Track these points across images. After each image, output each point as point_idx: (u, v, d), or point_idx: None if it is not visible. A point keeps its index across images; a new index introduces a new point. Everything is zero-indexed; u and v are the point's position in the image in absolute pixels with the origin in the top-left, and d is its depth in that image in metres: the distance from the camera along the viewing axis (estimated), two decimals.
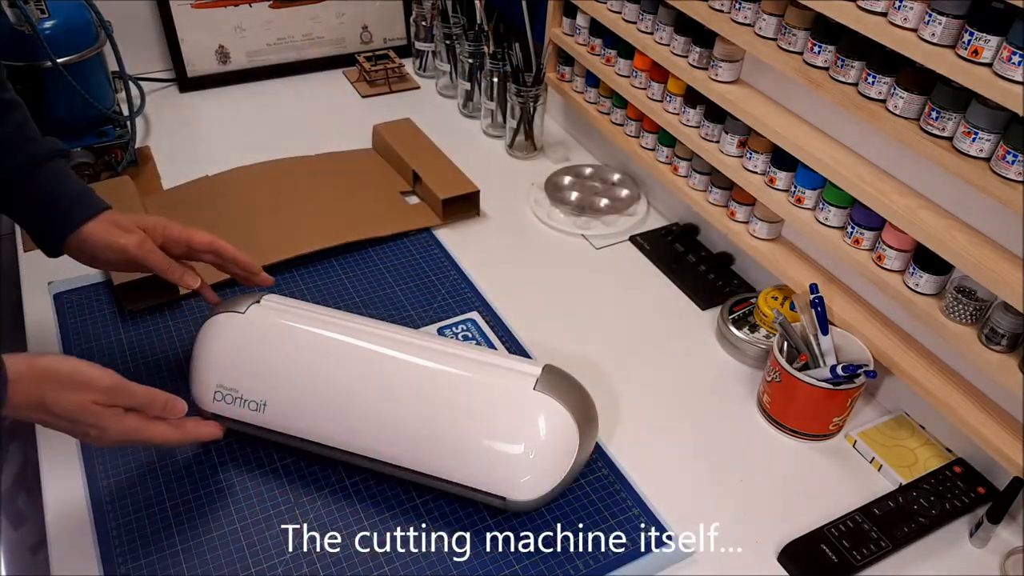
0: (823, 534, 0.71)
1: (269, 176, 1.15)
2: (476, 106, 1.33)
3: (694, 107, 0.97)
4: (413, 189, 1.14)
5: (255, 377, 0.73)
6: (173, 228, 0.79)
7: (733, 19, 0.86)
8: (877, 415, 0.84)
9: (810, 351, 0.82)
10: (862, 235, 0.80)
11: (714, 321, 0.95)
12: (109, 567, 0.67)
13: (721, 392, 0.87)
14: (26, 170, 0.75)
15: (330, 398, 0.72)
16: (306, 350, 0.74)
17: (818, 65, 0.79)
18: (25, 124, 0.77)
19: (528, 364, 0.74)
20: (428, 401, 0.70)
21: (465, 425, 0.69)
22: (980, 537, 0.72)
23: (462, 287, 0.98)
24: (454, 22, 1.32)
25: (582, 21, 1.13)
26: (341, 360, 0.73)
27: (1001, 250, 0.69)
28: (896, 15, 0.68)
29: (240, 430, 0.75)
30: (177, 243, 0.79)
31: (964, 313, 0.72)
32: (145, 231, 0.77)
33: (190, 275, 0.80)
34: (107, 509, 0.71)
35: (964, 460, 0.79)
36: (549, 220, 1.11)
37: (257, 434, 0.75)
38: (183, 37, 1.34)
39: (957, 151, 0.68)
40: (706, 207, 1.00)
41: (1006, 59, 0.61)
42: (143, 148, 1.21)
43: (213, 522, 0.70)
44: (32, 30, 1.03)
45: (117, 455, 0.75)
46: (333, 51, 1.47)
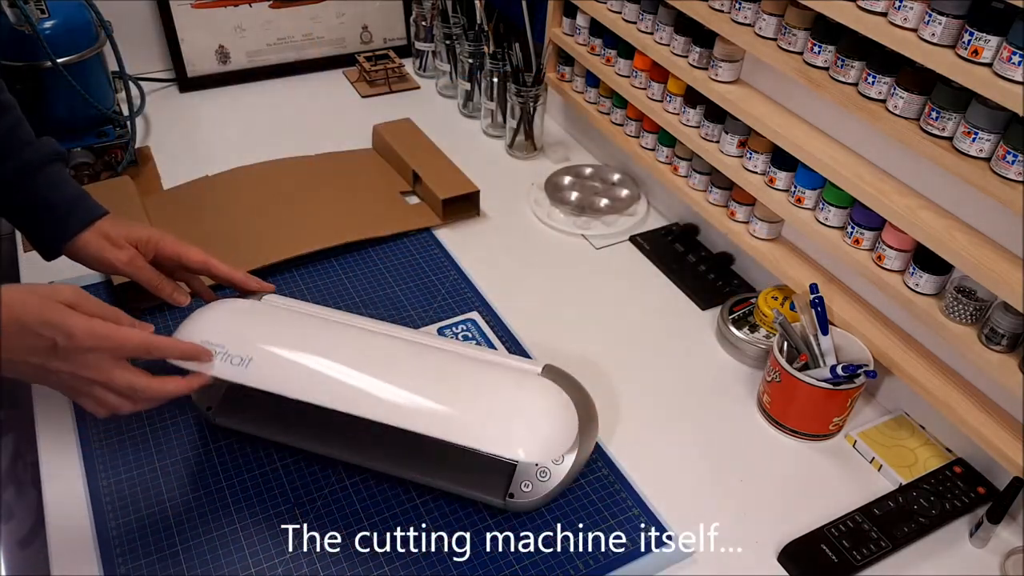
0: (823, 534, 0.71)
1: (269, 176, 1.15)
2: (476, 106, 1.33)
3: (694, 107, 0.97)
4: (413, 189, 1.14)
5: (242, 339, 0.71)
6: (166, 244, 0.79)
7: (733, 19, 0.86)
8: (877, 415, 0.84)
9: (810, 351, 0.82)
10: (862, 235, 0.80)
11: (714, 321, 0.95)
12: (109, 567, 0.67)
13: (721, 392, 0.87)
14: (21, 175, 0.75)
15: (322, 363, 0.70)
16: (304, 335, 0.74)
17: (818, 65, 0.79)
18: (19, 126, 0.76)
19: (528, 364, 0.74)
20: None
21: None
22: (980, 537, 0.72)
23: (462, 287, 0.98)
24: (454, 22, 1.32)
25: (582, 21, 1.13)
26: (337, 340, 0.73)
27: (1001, 250, 0.69)
28: (896, 15, 0.68)
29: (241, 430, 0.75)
30: (169, 259, 0.79)
31: (964, 313, 0.72)
32: (137, 246, 0.77)
33: (180, 292, 0.80)
34: (107, 509, 0.71)
35: (964, 460, 0.79)
36: (549, 220, 1.10)
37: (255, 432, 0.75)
38: (183, 37, 1.34)
39: (957, 151, 0.68)
40: (706, 207, 1.00)
41: (1006, 59, 0.61)
42: (143, 148, 1.21)
43: (213, 522, 0.70)
44: (32, 30, 1.03)
45: (117, 454, 0.75)
46: (333, 51, 1.47)
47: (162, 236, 0.79)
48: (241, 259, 0.94)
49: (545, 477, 0.70)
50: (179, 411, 0.79)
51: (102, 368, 0.63)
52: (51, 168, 0.76)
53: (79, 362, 0.62)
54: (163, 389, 0.67)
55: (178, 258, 0.79)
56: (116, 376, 0.63)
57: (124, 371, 0.64)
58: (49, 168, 0.76)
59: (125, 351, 0.64)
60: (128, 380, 0.64)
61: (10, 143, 0.75)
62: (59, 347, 0.60)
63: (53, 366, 0.61)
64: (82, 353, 0.61)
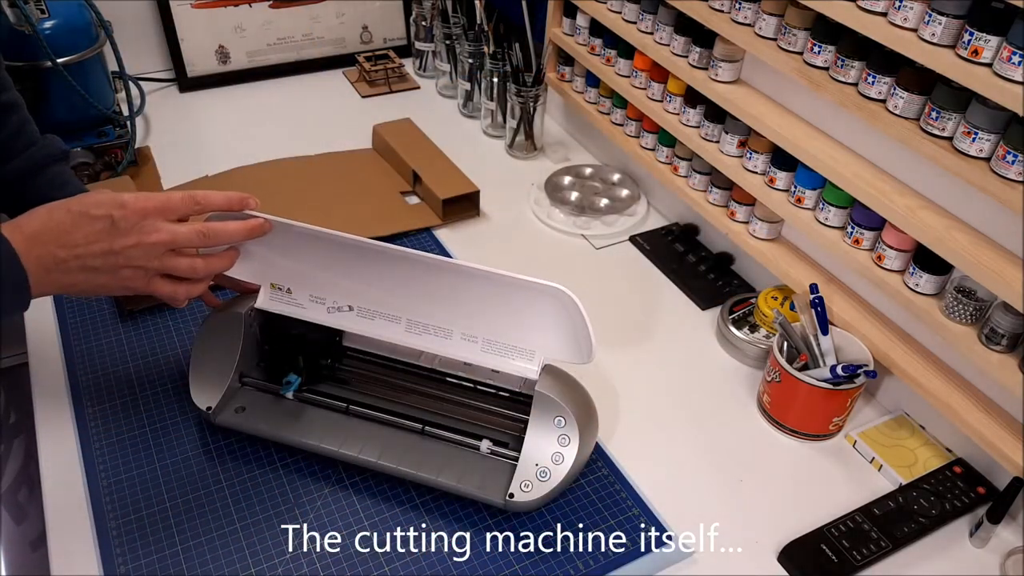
0: (823, 534, 0.71)
1: (269, 176, 1.15)
2: (476, 106, 1.33)
3: (694, 107, 0.97)
4: (413, 189, 1.14)
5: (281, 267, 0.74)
6: None
7: (733, 19, 0.86)
8: (877, 415, 0.84)
9: (810, 351, 0.82)
10: (862, 235, 0.80)
11: (714, 321, 0.95)
12: (109, 567, 0.67)
13: (721, 392, 0.87)
14: (27, 174, 0.75)
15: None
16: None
17: (818, 65, 0.79)
18: (24, 127, 0.77)
19: (527, 362, 0.74)
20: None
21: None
22: (980, 537, 0.72)
23: None
24: (454, 22, 1.32)
25: (582, 21, 1.13)
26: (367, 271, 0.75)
27: (1001, 250, 0.69)
28: (896, 15, 0.68)
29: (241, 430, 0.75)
30: None
31: (964, 313, 0.72)
32: None
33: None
34: (107, 509, 0.71)
35: (964, 460, 0.79)
36: (549, 220, 1.10)
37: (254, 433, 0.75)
38: (183, 37, 1.34)
39: (957, 151, 0.68)
40: (706, 207, 1.00)
41: (1006, 59, 0.61)
42: (143, 148, 1.21)
43: (213, 522, 0.70)
44: (32, 30, 1.03)
45: (117, 454, 0.75)
46: (333, 51, 1.47)
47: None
48: None
49: (545, 477, 0.70)
50: (179, 411, 0.79)
51: (163, 228, 0.64)
52: (56, 167, 0.77)
53: (141, 229, 0.63)
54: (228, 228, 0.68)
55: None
56: (180, 230, 0.65)
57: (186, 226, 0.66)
58: (54, 167, 0.77)
59: (174, 207, 0.65)
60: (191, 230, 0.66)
61: (16, 143, 0.75)
62: (115, 220, 0.62)
63: (118, 245, 0.62)
64: (139, 220, 0.63)
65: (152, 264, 0.64)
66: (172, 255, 0.66)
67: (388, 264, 0.73)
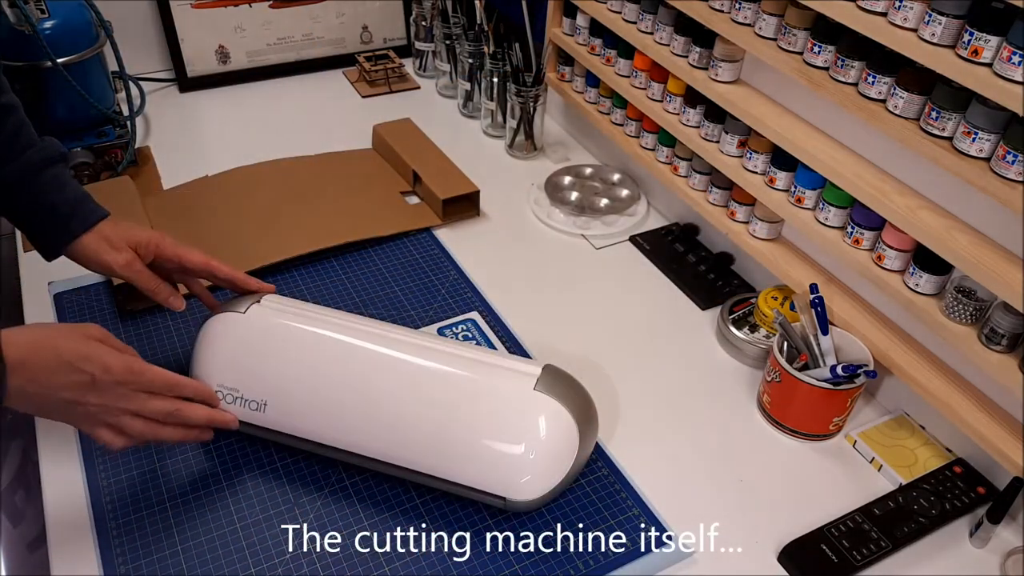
0: (823, 534, 0.71)
1: (269, 176, 1.15)
2: (476, 106, 1.33)
3: (694, 107, 0.97)
4: (413, 189, 1.14)
5: (256, 377, 0.73)
6: (166, 246, 0.79)
7: (733, 19, 0.86)
8: (877, 415, 0.84)
9: (810, 351, 0.82)
10: (862, 235, 0.80)
11: (714, 321, 0.95)
12: (109, 567, 0.67)
13: (721, 392, 0.87)
14: (25, 177, 0.75)
15: (330, 398, 0.72)
16: (306, 350, 0.74)
17: (818, 65, 0.79)
18: (22, 128, 0.76)
19: (528, 364, 0.74)
20: (428, 401, 0.70)
21: (465, 425, 0.69)
22: (980, 537, 0.72)
23: (462, 287, 0.98)
24: (454, 22, 1.32)
25: (582, 21, 1.13)
26: (341, 360, 0.73)
27: (1001, 250, 0.69)
28: (896, 15, 0.68)
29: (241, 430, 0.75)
30: (170, 261, 0.79)
31: (964, 313, 0.72)
32: (136, 248, 0.78)
33: (176, 298, 0.80)
34: (107, 509, 0.71)
35: (964, 460, 0.79)
36: (549, 220, 1.10)
37: (257, 434, 0.75)
38: (183, 37, 1.34)
39: (957, 151, 0.68)
40: (706, 207, 1.00)
41: (1006, 59, 0.61)
42: (143, 148, 1.21)
43: (213, 522, 0.70)
44: (32, 30, 1.03)
45: (117, 454, 0.75)
46: (333, 51, 1.47)
47: (162, 238, 0.79)
48: (241, 259, 0.94)
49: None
50: None
51: (134, 398, 0.65)
52: (54, 170, 0.77)
53: (114, 394, 0.64)
54: (196, 413, 0.69)
55: (178, 260, 0.79)
56: (152, 403, 0.66)
57: (157, 400, 0.66)
58: (52, 170, 0.76)
59: (154, 386, 0.67)
60: (162, 406, 0.67)
61: (14, 145, 0.75)
62: (96, 381, 0.62)
63: (85, 399, 0.63)
64: (115, 387, 0.63)
65: (108, 419, 0.65)
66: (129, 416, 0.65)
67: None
